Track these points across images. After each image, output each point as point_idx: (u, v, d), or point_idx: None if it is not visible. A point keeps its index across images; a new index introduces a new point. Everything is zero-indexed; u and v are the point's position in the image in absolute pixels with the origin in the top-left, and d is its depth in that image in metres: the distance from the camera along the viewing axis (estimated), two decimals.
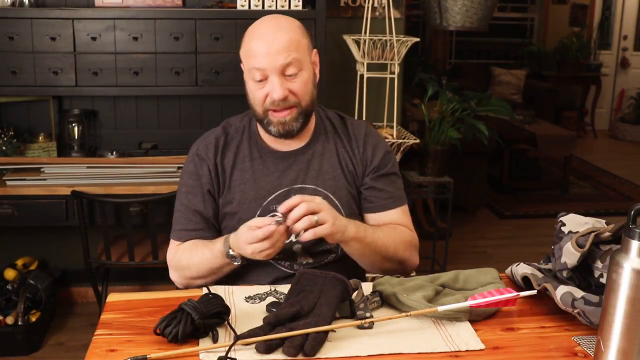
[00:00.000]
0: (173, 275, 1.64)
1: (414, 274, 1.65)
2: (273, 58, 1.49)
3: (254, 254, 1.42)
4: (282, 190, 1.60)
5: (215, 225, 1.65)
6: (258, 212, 1.59)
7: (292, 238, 1.57)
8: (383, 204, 1.65)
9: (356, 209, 1.65)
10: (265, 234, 1.38)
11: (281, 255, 1.59)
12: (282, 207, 1.39)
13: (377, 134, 1.73)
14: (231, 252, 1.48)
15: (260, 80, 1.53)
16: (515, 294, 1.29)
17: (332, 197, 1.60)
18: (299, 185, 1.61)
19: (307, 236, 1.39)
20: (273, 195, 1.60)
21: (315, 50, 1.63)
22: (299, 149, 1.63)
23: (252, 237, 1.39)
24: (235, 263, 1.49)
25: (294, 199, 1.39)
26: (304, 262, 1.61)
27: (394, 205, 1.65)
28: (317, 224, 1.39)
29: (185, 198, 1.64)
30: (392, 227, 1.62)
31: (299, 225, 1.38)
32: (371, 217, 1.66)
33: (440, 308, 1.26)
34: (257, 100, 1.56)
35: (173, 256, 1.63)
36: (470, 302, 1.27)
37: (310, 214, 1.39)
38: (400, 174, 1.73)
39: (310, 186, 1.61)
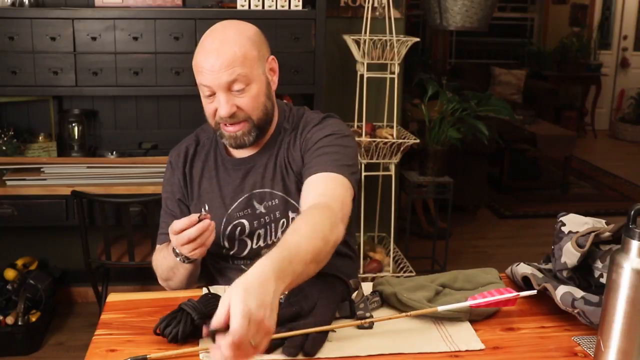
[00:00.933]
0: (159, 279, 1.65)
1: (413, 273, 1.65)
2: (216, 76, 1.45)
3: (183, 252, 1.44)
4: (243, 197, 1.59)
5: None
6: (224, 220, 1.59)
7: (261, 243, 1.58)
8: (306, 174, 1.51)
9: None
10: (182, 241, 1.39)
11: (252, 261, 1.56)
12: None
13: (330, 124, 1.59)
14: (177, 249, 1.47)
15: (209, 96, 1.51)
16: (515, 294, 1.29)
17: (287, 197, 1.57)
18: (258, 190, 1.59)
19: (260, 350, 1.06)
20: (236, 203, 1.59)
21: (271, 57, 1.56)
22: (256, 153, 1.61)
23: (175, 240, 1.41)
24: (177, 258, 1.48)
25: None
26: None
27: (314, 171, 1.47)
28: (257, 347, 1.02)
29: (164, 203, 1.68)
30: (304, 216, 1.32)
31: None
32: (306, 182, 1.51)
33: (440, 308, 1.26)
34: (208, 114, 1.55)
35: (153, 259, 1.67)
36: (470, 302, 1.27)
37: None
38: (345, 149, 1.54)
39: (267, 190, 1.59)
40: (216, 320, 1.00)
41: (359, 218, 3.18)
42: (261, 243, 1.59)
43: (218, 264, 1.65)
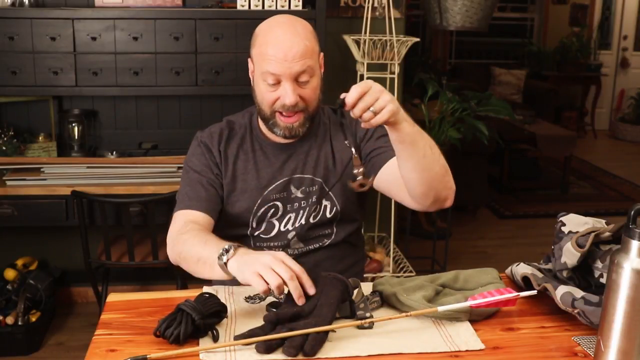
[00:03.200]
0: (168, 250, 1.56)
1: (413, 273, 1.66)
2: (289, 65, 1.51)
3: (255, 273, 1.25)
4: (282, 180, 1.65)
5: (219, 205, 1.64)
6: (259, 201, 1.64)
7: (289, 227, 1.65)
8: (385, 157, 1.61)
9: (350, 196, 1.67)
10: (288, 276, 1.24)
11: (277, 242, 1.66)
12: (345, 97, 1.33)
13: None
14: (228, 249, 1.33)
15: (274, 84, 1.55)
16: (515, 294, 1.29)
17: (324, 185, 1.66)
18: (298, 175, 1.66)
19: (374, 122, 1.35)
20: (273, 185, 1.65)
21: (322, 54, 1.65)
22: (298, 141, 1.67)
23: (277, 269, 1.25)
24: (220, 260, 1.32)
25: (354, 93, 1.32)
26: (297, 247, 1.66)
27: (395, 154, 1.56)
28: (374, 114, 1.33)
29: (194, 174, 1.64)
30: None
31: (365, 116, 1.34)
32: (387, 166, 1.61)
33: (441, 308, 1.26)
34: (266, 102, 1.58)
35: (177, 229, 1.55)
36: (470, 302, 1.27)
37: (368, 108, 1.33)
38: None
39: (308, 176, 1.66)
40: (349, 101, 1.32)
41: None
42: (289, 227, 1.65)
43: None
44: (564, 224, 1.39)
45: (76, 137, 3.04)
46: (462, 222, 4.65)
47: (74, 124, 3.03)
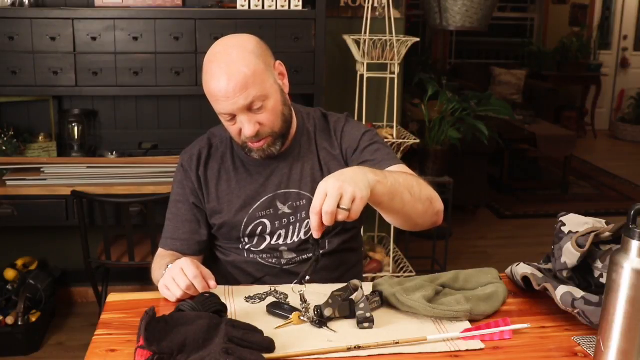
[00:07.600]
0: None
1: (413, 273, 1.65)
2: (233, 102, 1.46)
3: (163, 286, 1.39)
4: (267, 197, 1.61)
5: (202, 235, 1.66)
6: (245, 220, 1.61)
7: (280, 241, 1.61)
8: (383, 165, 1.56)
9: None
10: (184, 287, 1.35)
11: (269, 254, 1.63)
12: (316, 234, 1.28)
13: (357, 122, 1.72)
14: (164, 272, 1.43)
15: (230, 119, 1.51)
16: (510, 327, 1.27)
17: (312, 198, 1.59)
18: (283, 191, 1.61)
19: (353, 217, 1.26)
20: (258, 203, 1.61)
21: (277, 63, 1.57)
22: (281, 154, 1.62)
23: (177, 281, 1.36)
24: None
25: (314, 220, 1.26)
26: (290, 258, 1.63)
27: (386, 165, 1.56)
28: (349, 210, 1.25)
29: (174, 207, 1.67)
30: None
31: (341, 218, 1.26)
32: None
33: (431, 337, 1.23)
34: (233, 134, 1.56)
35: (154, 263, 1.63)
36: (462, 335, 1.25)
37: (337, 208, 1.25)
38: (386, 144, 1.67)
39: (293, 190, 1.61)
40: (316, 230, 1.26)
41: None
42: (280, 242, 1.61)
43: (229, 256, 1.67)
44: (564, 224, 1.39)
45: (76, 137, 3.04)
46: (462, 222, 4.65)
47: (74, 124, 3.03)
